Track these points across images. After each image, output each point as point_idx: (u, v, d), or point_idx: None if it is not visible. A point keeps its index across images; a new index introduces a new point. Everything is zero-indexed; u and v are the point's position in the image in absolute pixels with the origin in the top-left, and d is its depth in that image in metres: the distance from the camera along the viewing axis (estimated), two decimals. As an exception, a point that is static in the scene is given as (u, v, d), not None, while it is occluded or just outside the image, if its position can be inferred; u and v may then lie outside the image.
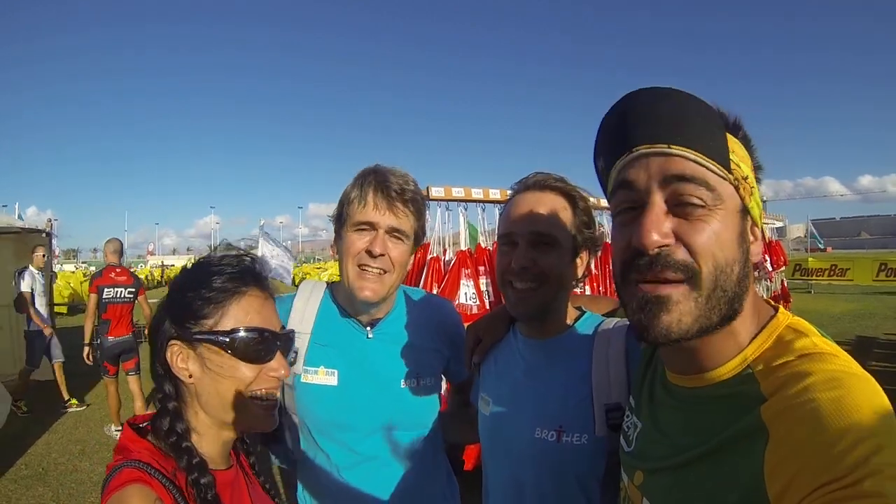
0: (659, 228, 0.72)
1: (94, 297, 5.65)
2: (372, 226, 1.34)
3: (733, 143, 0.76)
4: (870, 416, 0.59)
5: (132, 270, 6.22)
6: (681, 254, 0.72)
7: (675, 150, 0.72)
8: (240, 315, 0.94)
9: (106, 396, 5.87)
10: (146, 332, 1.04)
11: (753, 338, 0.76)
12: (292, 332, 1.05)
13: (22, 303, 6.72)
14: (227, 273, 0.95)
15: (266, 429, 0.99)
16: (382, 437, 1.41)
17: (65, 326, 6.73)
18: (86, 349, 5.81)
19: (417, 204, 1.40)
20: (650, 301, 0.74)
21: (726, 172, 0.73)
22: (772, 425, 0.64)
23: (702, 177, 0.72)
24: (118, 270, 5.78)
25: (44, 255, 7.07)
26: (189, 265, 1.02)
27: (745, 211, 0.76)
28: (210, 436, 0.96)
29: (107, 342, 5.59)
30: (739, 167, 0.75)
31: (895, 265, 18.45)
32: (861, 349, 8.79)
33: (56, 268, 10.53)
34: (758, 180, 0.80)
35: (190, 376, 0.93)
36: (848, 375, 0.65)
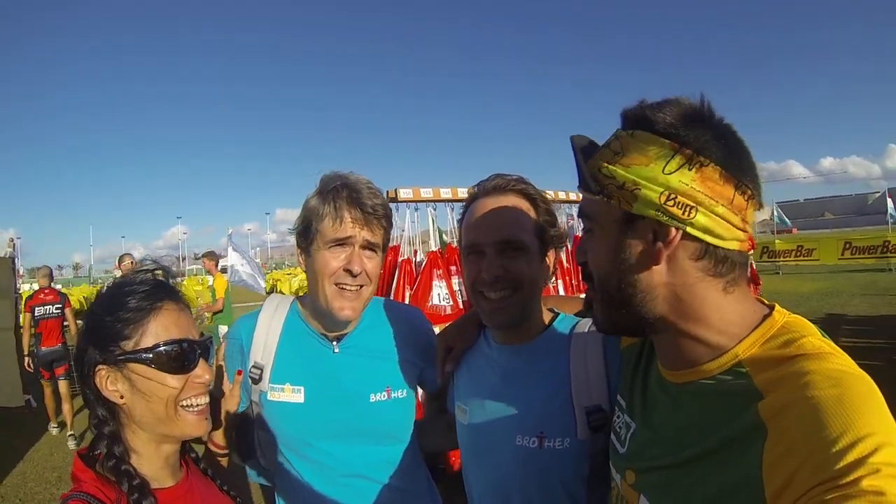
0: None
1: (27, 315, 6.66)
2: (348, 242, 1.33)
3: (629, 145, 0.78)
4: (868, 415, 0.61)
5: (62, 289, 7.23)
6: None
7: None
8: (159, 330, 0.97)
9: (44, 399, 6.68)
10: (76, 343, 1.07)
11: (745, 337, 0.77)
12: (209, 338, 1.09)
13: None
14: (140, 291, 0.98)
15: (200, 434, 1.03)
16: (356, 453, 1.38)
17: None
18: (26, 359, 6.65)
19: (389, 218, 1.43)
20: None
21: (591, 195, 0.82)
22: (771, 422, 0.66)
23: (584, 207, 0.88)
24: (46, 291, 6.82)
25: (132, 263, 7.24)
26: (104, 289, 1.04)
27: (629, 220, 0.78)
28: (149, 453, 0.99)
29: (41, 352, 6.55)
30: (618, 174, 0.77)
31: (859, 244, 19.00)
32: (831, 326, 9.08)
33: (23, 287, 10.06)
34: (713, 157, 0.74)
35: (121, 397, 0.96)
36: (846, 374, 0.66)
